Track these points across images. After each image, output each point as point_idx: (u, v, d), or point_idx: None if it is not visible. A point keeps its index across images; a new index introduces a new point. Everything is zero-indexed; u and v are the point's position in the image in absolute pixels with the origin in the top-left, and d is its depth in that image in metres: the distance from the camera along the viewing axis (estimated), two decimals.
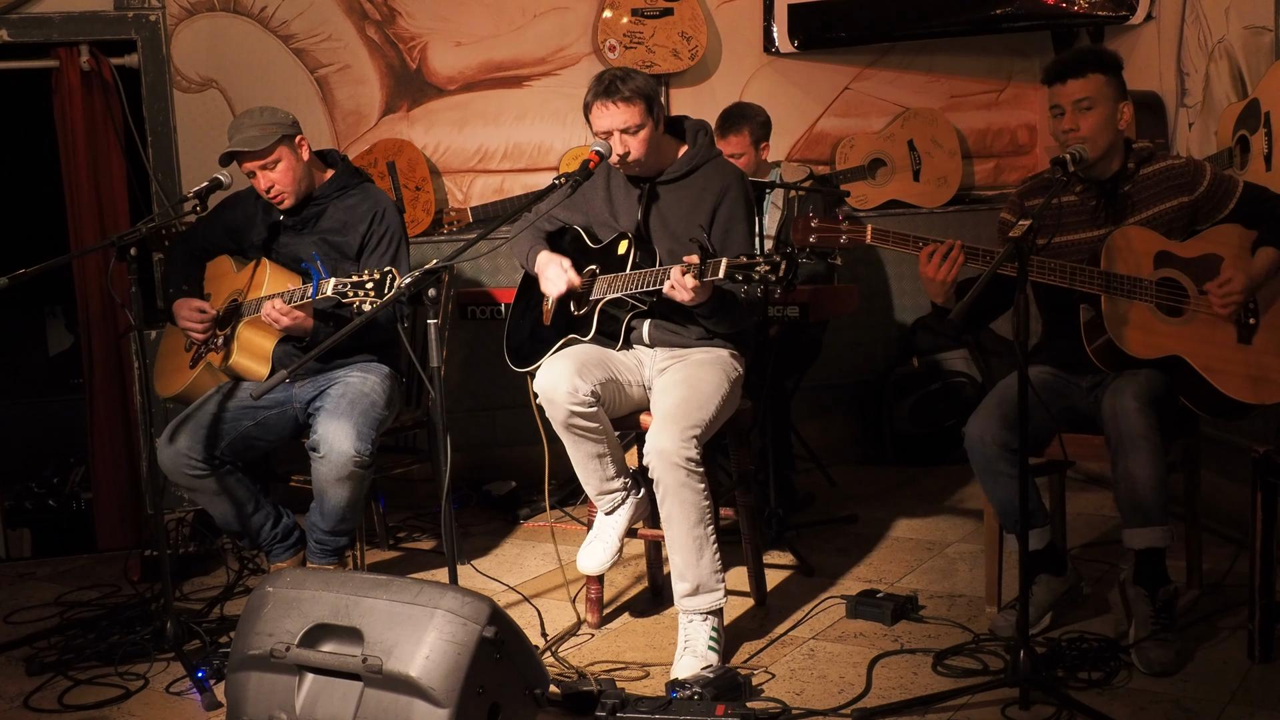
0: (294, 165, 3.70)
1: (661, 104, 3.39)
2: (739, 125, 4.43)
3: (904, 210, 5.36)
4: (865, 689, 3.07)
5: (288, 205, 3.74)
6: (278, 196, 3.71)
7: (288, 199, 3.73)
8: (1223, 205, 3.30)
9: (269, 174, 3.67)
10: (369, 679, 2.47)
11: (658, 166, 3.44)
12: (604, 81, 3.33)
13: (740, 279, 3.02)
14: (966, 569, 3.93)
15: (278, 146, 3.66)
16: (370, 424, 3.61)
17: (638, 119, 3.31)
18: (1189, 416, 3.36)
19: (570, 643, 3.47)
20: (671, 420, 3.15)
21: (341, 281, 3.30)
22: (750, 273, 3.01)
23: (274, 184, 3.69)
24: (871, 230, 3.27)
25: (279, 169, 3.68)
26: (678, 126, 3.51)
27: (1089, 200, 3.35)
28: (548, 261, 3.47)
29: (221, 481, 3.66)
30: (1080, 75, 3.26)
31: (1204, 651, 3.19)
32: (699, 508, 3.17)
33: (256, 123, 3.67)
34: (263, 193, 3.72)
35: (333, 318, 3.64)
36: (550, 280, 3.45)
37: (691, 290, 3.12)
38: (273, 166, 3.67)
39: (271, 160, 3.66)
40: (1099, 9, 4.84)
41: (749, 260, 3.02)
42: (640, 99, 3.31)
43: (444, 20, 5.09)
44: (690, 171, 3.43)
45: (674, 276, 3.15)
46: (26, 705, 3.21)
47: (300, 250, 3.76)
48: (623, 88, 3.29)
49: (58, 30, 4.64)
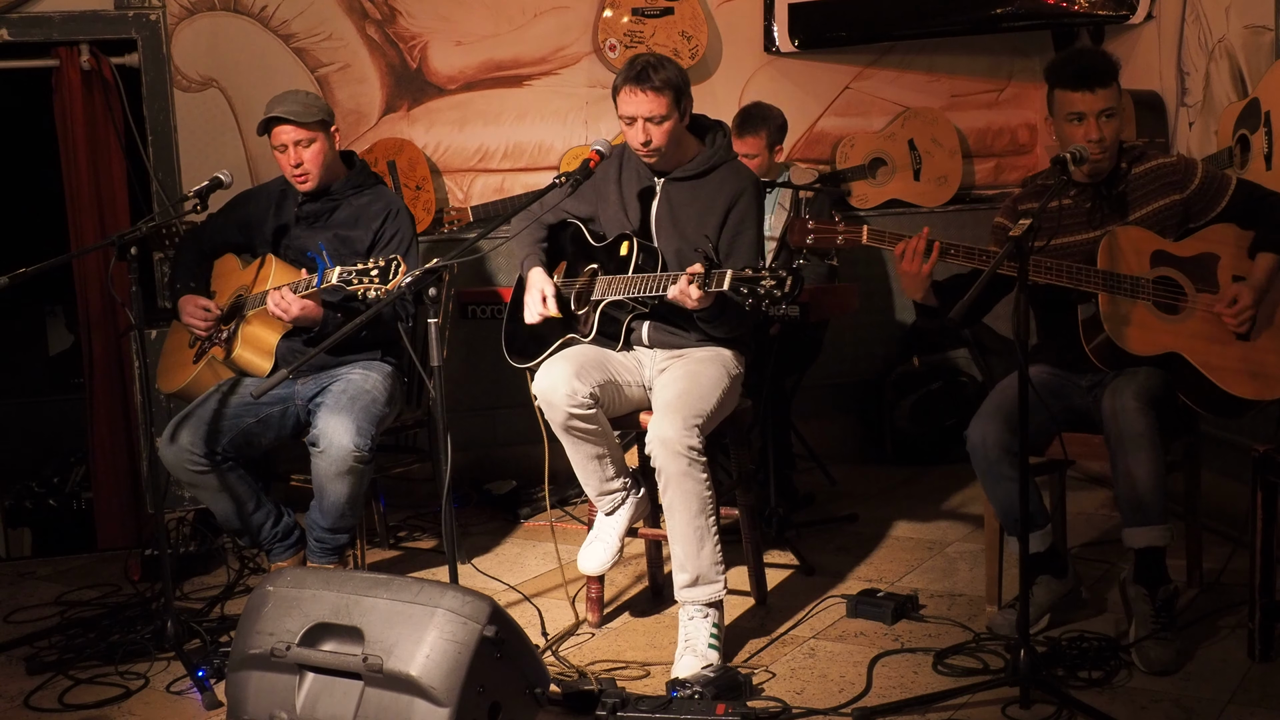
0: (325, 151, 3.76)
1: (690, 97, 3.39)
2: (757, 127, 4.43)
3: (904, 210, 5.36)
4: (866, 688, 3.07)
5: (309, 188, 3.77)
6: (302, 176, 3.74)
7: (311, 181, 3.76)
8: (1215, 203, 3.30)
9: (301, 151, 3.72)
10: (369, 678, 2.47)
11: (676, 160, 3.43)
12: (636, 67, 3.32)
13: (745, 292, 3.03)
14: (967, 568, 3.93)
15: (318, 127, 3.72)
16: (370, 420, 3.61)
17: (663, 109, 3.30)
18: (1189, 415, 3.36)
19: (570, 642, 3.47)
20: (673, 410, 3.15)
21: (346, 270, 3.32)
22: (755, 286, 3.01)
23: (303, 162, 3.72)
24: (868, 230, 3.27)
25: (312, 149, 3.73)
26: (699, 124, 3.50)
27: (1084, 202, 3.35)
28: (532, 284, 3.48)
29: (223, 478, 3.66)
30: (1106, 84, 3.23)
31: (1204, 650, 3.19)
32: (701, 498, 3.17)
33: (301, 100, 3.75)
34: (288, 169, 3.74)
35: (341, 309, 3.64)
36: (528, 306, 3.47)
37: (697, 299, 3.13)
38: (307, 144, 3.72)
39: (308, 138, 3.71)
40: (1099, 8, 4.84)
41: (754, 274, 3.02)
42: (669, 90, 3.30)
43: (444, 20, 5.09)
44: (706, 171, 3.43)
45: (680, 286, 3.15)
46: (27, 704, 3.21)
47: (311, 245, 3.77)
48: (654, 77, 3.29)
49: (58, 29, 4.64)
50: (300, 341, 3.71)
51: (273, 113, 3.70)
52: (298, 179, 3.75)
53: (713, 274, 3.08)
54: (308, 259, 3.67)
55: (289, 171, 3.76)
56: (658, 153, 3.37)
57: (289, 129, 3.69)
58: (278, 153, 3.75)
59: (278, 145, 3.73)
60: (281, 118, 3.69)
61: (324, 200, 3.81)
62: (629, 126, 3.35)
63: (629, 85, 3.31)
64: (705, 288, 3.09)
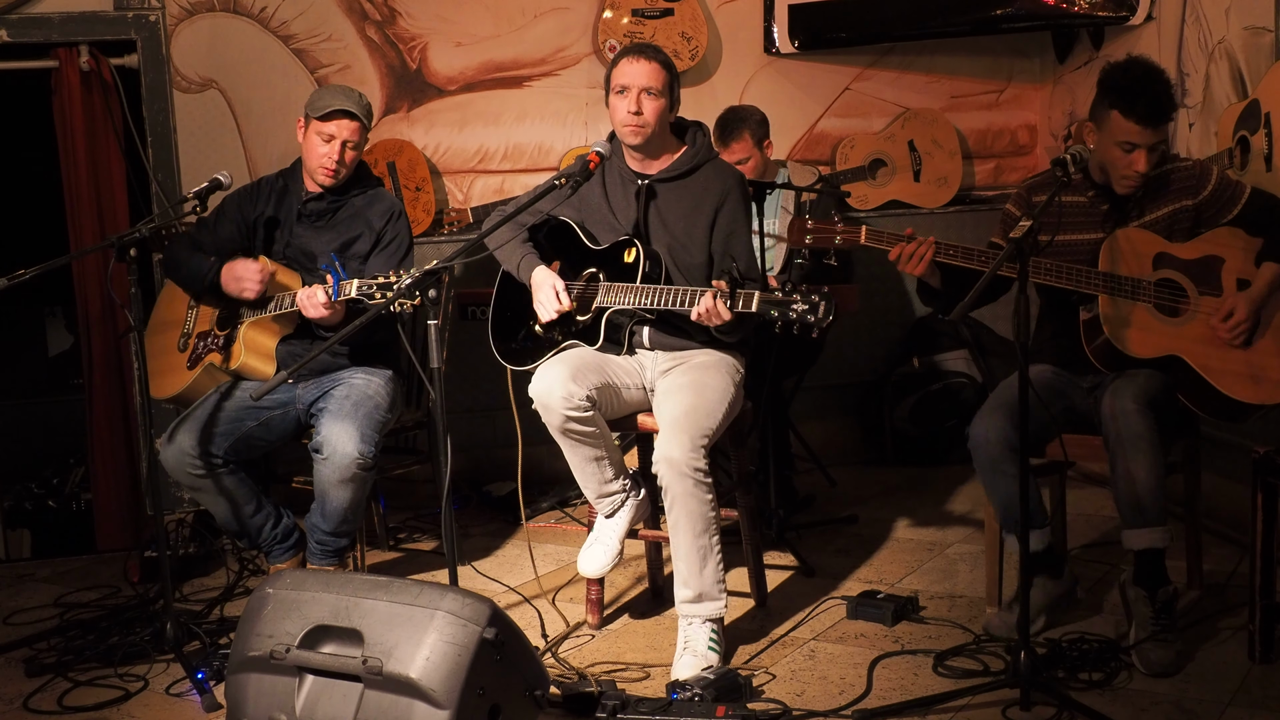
0: (360, 153, 3.78)
1: (679, 95, 3.43)
2: (738, 130, 4.38)
3: (904, 211, 5.36)
4: (866, 690, 3.07)
5: (333, 184, 3.76)
6: (333, 170, 3.72)
7: (340, 176, 3.75)
8: (1228, 209, 3.30)
9: (349, 150, 3.72)
10: (369, 680, 2.47)
11: (657, 153, 3.42)
12: (639, 44, 3.42)
13: (775, 315, 3.04)
14: (967, 570, 3.93)
15: (368, 133, 3.76)
16: (373, 426, 3.61)
17: (659, 84, 3.33)
18: (1189, 417, 3.36)
19: (570, 644, 3.47)
20: (680, 429, 3.14)
21: (367, 283, 3.31)
22: (787, 310, 3.03)
23: (340, 157, 3.71)
24: (866, 231, 3.27)
25: (353, 149, 3.73)
26: (679, 127, 3.50)
27: (1100, 204, 3.35)
28: (541, 282, 3.41)
29: (223, 481, 3.66)
30: (1167, 120, 3.21)
31: (1204, 652, 3.19)
32: (705, 518, 3.17)
33: (362, 104, 3.75)
34: (325, 160, 3.70)
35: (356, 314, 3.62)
36: (542, 305, 3.39)
37: (727, 319, 3.14)
38: (354, 145, 3.73)
39: (360, 141, 3.73)
40: (1099, 9, 4.84)
41: (785, 296, 3.03)
42: (666, 70, 3.36)
43: (444, 21, 5.09)
44: (690, 171, 3.42)
45: (707, 304, 3.14)
46: (26, 707, 3.20)
47: (315, 245, 3.76)
48: (654, 53, 3.37)
49: (57, 30, 4.64)
50: (300, 345, 3.71)
51: (341, 105, 3.67)
52: (328, 172, 3.71)
53: (738, 294, 3.08)
54: (320, 271, 3.64)
55: (323, 162, 3.70)
56: (644, 129, 3.34)
57: (352, 126, 3.69)
58: (319, 139, 3.69)
59: (326, 134, 3.68)
60: (351, 112, 3.67)
61: (329, 200, 3.80)
62: (620, 97, 3.33)
63: (630, 55, 3.36)
64: (733, 307, 3.09)
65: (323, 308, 3.50)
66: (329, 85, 3.75)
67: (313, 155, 3.72)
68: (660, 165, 3.43)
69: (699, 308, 3.16)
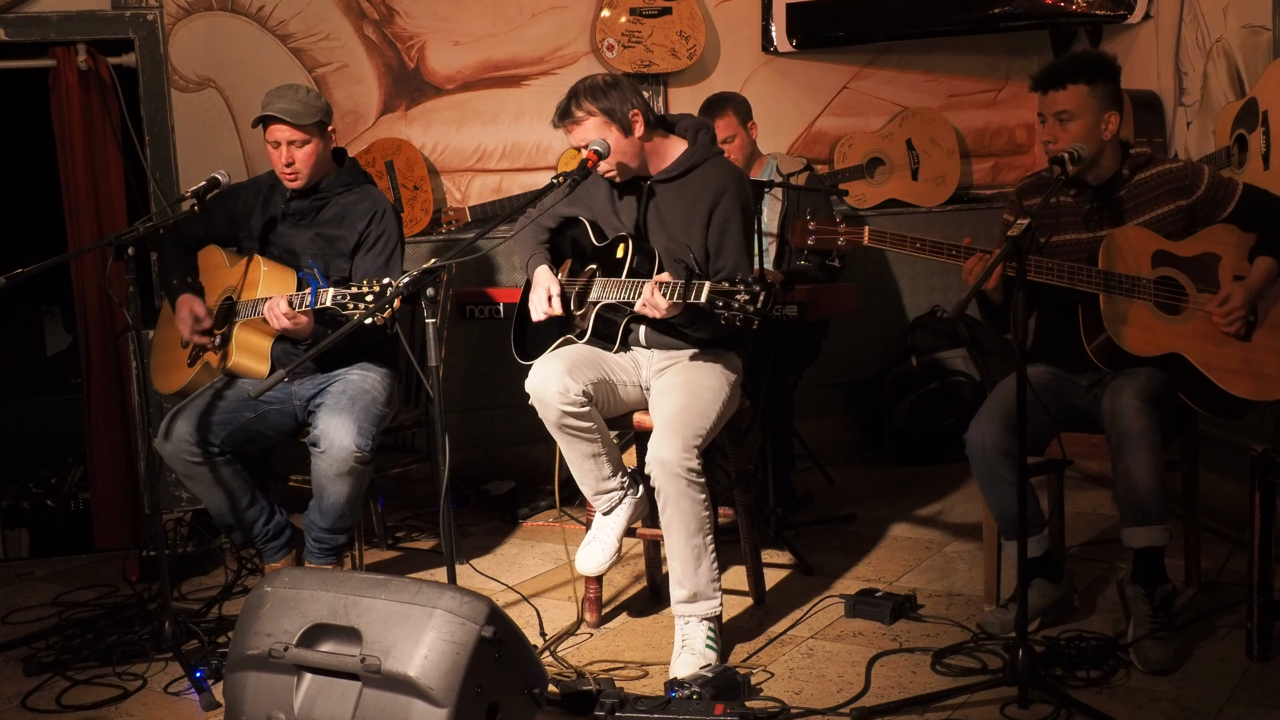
0: (318, 151, 3.74)
1: (635, 107, 3.30)
2: (722, 108, 4.40)
3: (902, 209, 5.36)
4: (864, 688, 3.07)
5: (298, 186, 3.75)
6: (292, 175, 3.73)
7: (300, 180, 3.74)
8: (1222, 208, 3.30)
9: (294, 150, 3.70)
10: (367, 679, 2.47)
11: (649, 169, 3.41)
12: (559, 108, 3.34)
13: (721, 305, 2.99)
14: (965, 568, 3.93)
15: (314, 128, 3.70)
16: (371, 420, 3.61)
17: (597, 132, 3.28)
18: (1188, 415, 3.36)
19: (569, 642, 3.47)
20: (673, 430, 3.14)
21: (341, 292, 3.30)
22: (731, 300, 2.98)
23: (295, 161, 3.70)
24: (869, 231, 3.27)
25: (305, 149, 3.70)
26: (673, 125, 3.48)
27: (1083, 204, 3.35)
28: (538, 283, 3.46)
29: (219, 471, 3.66)
30: (1060, 86, 3.24)
31: (1202, 650, 3.19)
32: (698, 517, 3.17)
33: (300, 99, 3.71)
34: (279, 166, 3.72)
35: (331, 321, 3.63)
36: (533, 305, 3.44)
37: (664, 310, 3.11)
38: (300, 145, 3.70)
39: (302, 139, 3.69)
40: (1097, 8, 4.84)
41: (730, 288, 2.98)
42: (591, 116, 3.28)
43: (442, 19, 5.09)
44: (689, 170, 3.42)
45: (645, 295, 3.14)
46: (24, 705, 3.20)
47: (296, 243, 3.76)
48: (574, 110, 3.30)
49: (55, 29, 4.63)
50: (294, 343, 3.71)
51: (270, 110, 3.68)
52: (288, 177, 3.74)
53: (692, 284, 3.07)
54: (300, 275, 3.66)
55: (279, 168, 3.74)
56: (616, 172, 3.36)
57: (284, 129, 3.68)
58: (270, 147, 3.73)
59: (271, 141, 3.71)
60: (278, 117, 3.68)
61: (312, 198, 3.80)
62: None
63: (560, 128, 3.35)
64: (683, 298, 3.07)
65: (285, 319, 3.51)
66: (270, 90, 3.74)
67: (274, 164, 3.77)
68: (662, 165, 3.44)
69: (640, 301, 3.17)
